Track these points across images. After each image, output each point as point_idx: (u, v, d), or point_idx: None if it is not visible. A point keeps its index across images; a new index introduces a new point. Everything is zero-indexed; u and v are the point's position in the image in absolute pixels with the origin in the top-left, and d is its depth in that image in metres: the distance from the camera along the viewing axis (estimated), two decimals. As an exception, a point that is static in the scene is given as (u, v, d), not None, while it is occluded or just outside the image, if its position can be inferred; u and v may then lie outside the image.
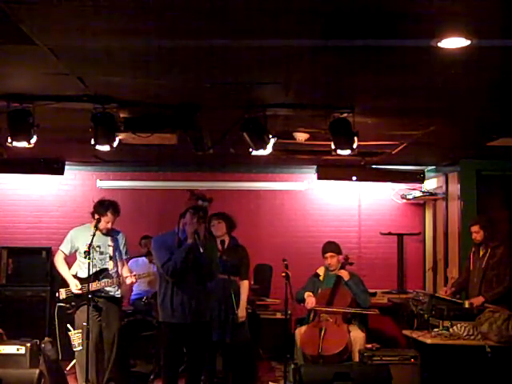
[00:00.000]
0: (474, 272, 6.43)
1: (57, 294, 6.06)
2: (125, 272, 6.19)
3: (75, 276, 5.96)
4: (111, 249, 6.08)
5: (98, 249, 6.00)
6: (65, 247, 6.10)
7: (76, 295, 5.88)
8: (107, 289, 6.00)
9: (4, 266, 7.99)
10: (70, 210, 8.59)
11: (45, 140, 5.05)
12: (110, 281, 5.99)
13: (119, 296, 6.16)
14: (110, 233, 6.11)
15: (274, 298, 7.83)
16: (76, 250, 6.07)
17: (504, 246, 6.36)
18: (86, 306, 5.68)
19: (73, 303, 5.89)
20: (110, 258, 6.07)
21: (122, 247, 6.19)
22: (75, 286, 5.87)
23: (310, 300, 6.36)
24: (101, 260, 6.02)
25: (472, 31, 3.31)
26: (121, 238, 6.20)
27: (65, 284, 6.02)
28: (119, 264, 6.16)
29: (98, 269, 5.98)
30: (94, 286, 5.87)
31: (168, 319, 4.88)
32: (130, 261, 7.02)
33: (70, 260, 6.12)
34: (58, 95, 4.70)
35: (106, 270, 6.03)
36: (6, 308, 7.72)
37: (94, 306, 5.84)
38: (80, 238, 6.02)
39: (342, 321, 6.17)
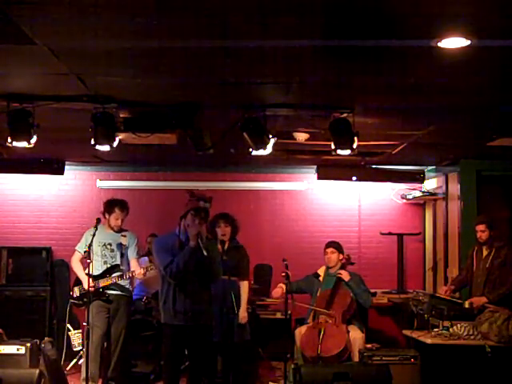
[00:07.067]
0: (478, 272, 6.37)
1: (71, 293, 6.33)
2: (135, 268, 6.24)
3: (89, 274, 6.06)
4: (122, 247, 6.23)
5: (108, 246, 6.21)
6: (80, 247, 6.26)
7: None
8: (120, 282, 6.14)
9: (4, 266, 8.00)
10: (70, 210, 8.59)
11: (45, 140, 5.05)
12: (120, 275, 6.13)
13: (131, 290, 6.33)
14: (121, 231, 6.28)
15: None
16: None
17: (508, 247, 6.30)
18: (95, 304, 5.94)
19: (85, 299, 6.01)
20: (122, 255, 6.22)
21: (132, 246, 6.31)
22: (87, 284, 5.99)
23: (277, 290, 6.35)
24: (112, 257, 6.20)
25: (472, 31, 3.31)
26: (132, 237, 6.33)
27: (78, 283, 6.27)
28: (130, 262, 6.27)
29: (109, 265, 6.16)
30: (104, 282, 6.08)
31: (170, 321, 4.87)
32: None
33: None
34: (58, 95, 4.70)
35: (118, 266, 6.18)
36: (6, 308, 7.72)
37: (104, 300, 6.03)
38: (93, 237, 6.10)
39: (341, 321, 6.16)
